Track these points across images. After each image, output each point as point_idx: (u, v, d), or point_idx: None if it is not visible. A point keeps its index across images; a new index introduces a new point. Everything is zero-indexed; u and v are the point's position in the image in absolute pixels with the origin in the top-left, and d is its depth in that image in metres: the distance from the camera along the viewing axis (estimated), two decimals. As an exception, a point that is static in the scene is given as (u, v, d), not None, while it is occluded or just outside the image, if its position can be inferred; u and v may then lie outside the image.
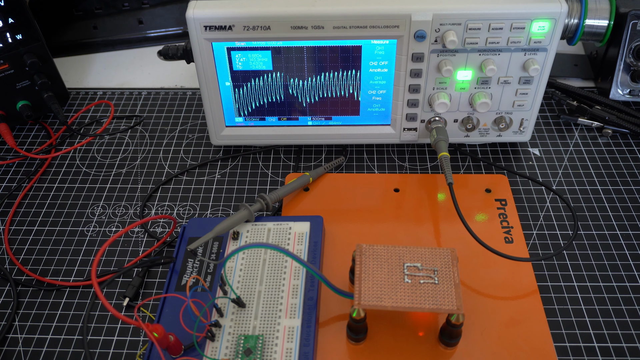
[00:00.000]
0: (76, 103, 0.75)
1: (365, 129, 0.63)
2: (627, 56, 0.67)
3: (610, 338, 0.48)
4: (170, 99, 0.75)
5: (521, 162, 0.64)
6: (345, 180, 0.62)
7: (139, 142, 0.68)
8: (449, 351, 0.46)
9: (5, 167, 0.66)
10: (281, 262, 0.51)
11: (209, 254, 0.53)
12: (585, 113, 0.68)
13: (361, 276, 0.45)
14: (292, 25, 0.54)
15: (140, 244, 0.57)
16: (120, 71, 0.81)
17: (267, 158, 0.65)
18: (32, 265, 0.55)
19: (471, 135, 0.63)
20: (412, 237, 0.55)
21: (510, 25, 0.54)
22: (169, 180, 0.63)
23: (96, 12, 0.84)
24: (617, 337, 0.48)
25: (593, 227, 0.57)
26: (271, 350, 0.44)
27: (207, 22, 0.55)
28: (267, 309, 0.47)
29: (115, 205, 0.61)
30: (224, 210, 0.60)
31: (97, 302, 0.52)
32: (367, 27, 0.54)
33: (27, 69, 0.67)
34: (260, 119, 0.63)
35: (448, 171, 0.55)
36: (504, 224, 0.56)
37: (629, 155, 0.65)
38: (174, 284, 0.50)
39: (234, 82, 0.60)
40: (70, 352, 0.48)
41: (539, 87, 0.59)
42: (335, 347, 0.47)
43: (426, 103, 0.60)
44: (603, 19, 0.66)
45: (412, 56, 0.56)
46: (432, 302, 0.43)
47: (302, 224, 0.54)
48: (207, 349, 0.45)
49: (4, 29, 0.64)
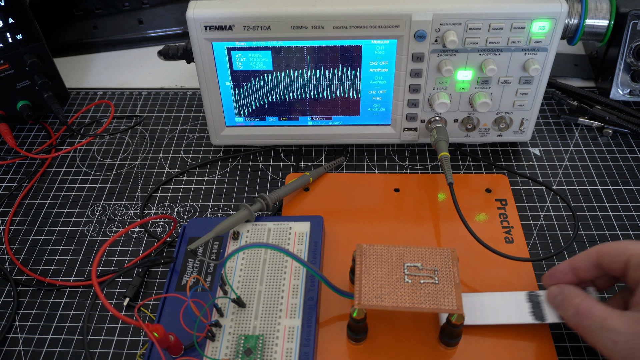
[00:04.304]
0: (76, 103, 0.75)
1: (366, 129, 0.63)
2: (628, 56, 0.67)
3: (610, 338, 0.48)
4: (170, 99, 0.75)
5: (521, 162, 0.64)
6: (346, 180, 0.62)
7: (139, 142, 0.68)
8: (449, 351, 0.46)
9: (5, 167, 0.66)
10: (281, 262, 0.51)
11: (209, 254, 0.53)
12: (586, 113, 0.68)
13: (361, 276, 0.45)
14: (292, 25, 0.54)
15: (141, 244, 0.57)
16: (120, 71, 0.80)
17: (267, 158, 0.65)
18: (32, 265, 0.55)
19: (471, 135, 0.63)
20: (412, 237, 0.55)
21: (510, 25, 0.54)
22: (169, 180, 0.63)
23: (96, 12, 0.84)
24: (617, 337, 0.48)
25: (593, 227, 0.57)
26: (271, 350, 0.44)
27: (207, 22, 0.55)
28: (267, 309, 0.47)
29: (115, 205, 0.61)
30: (224, 210, 0.60)
31: (97, 302, 0.52)
32: (367, 27, 0.54)
33: (27, 69, 0.67)
34: (261, 119, 0.63)
35: (448, 171, 0.55)
36: (504, 224, 0.56)
37: (629, 155, 0.65)
38: (174, 284, 0.50)
39: (234, 82, 0.60)
40: (71, 352, 0.48)
41: (539, 87, 0.58)
42: (336, 347, 0.47)
43: (426, 103, 0.60)
44: (603, 18, 0.66)
45: (413, 56, 0.56)
46: (432, 302, 0.43)
47: (302, 224, 0.54)
48: (207, 349, 0.45)
49: (4, 29, 0.64)
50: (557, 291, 0.46)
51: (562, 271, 0.47)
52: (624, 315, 0.40)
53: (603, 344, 0.40)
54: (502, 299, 0.48)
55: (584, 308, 0.42)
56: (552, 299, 0.46)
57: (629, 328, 0.39)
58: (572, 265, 0.46)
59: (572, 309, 0.43)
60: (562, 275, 0.47)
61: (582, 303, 0.43)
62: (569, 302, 0.44)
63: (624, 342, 0.39)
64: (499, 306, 0.48)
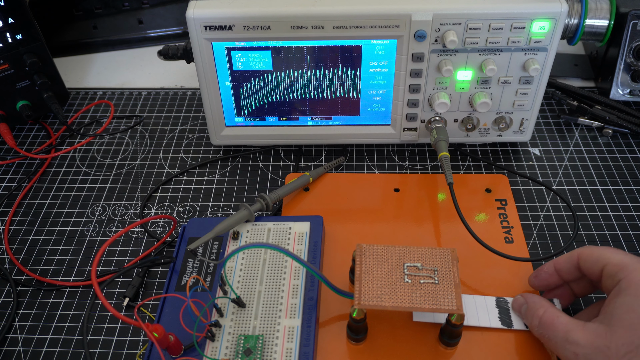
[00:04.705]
0: (76, 103, 0.75)
1: (365, 129, 0.63)
2: (628, 56, 0.67)
3: (610, 338, 0.48)
4: (170, 99, 0.75)
5: (521, 162, 0.64)
6: (345, 180, 0.62)
7: (139, 142, 0.68)
8: (449, 351, 0.46)
9: (5, 167, 0.66)
10: (281, 262, 0.51)
11: (209, 254, 0.53)
12: (586, 113, 0.68)
13: (361, 276, 0.45)
14: (292, 25, 0.54)
15: (140, 244, 0.57)
16: (120, 71, 0.80)
17: (267, 158, 0.65)
18: (32, 265, 0.55)
19: (471, 135, 0.63)
20: (412, 237, 0.55)
21: (510, 25, 0.54)
22: (169, 180, 0.63)
23: (96, 12, 0.84)
24: (617, 337, 0.48)
25: (593, 227, 0.57)
26: (271, 350, 0.44)
27: (207, 22, 0.55)
28: (267, 309, 0.47)
29: (115, 205, 0.61)
30: (224, 210, 0.60)
31: (97, 302, 0.52)
32: (367, 27, 0.54)
33: (27, 69, 0.67)
34: (260, 119, 0.63)
35: (448, 171, 0.55)
36: (504, 224, 0.56)
37: (629, 155, 0.65)
38: (174, 284, 0.50)
39: (234, 82, 0.60)
40: (70, 352, 0.48)
41: (539, 87, 0.58)
42: (335, 347, 0.47)
43: (426, 103, 0.60)
44: (603, 18, 0.66)
45: (412, 56, 0.56)
46: (432, 302, 0.43)
47: (302, 224, 0.54)
48: (207, 349, 0.45)
49: (4, 29, 0.64)
50: (522, 300, 0.47)
51: (547, 272, 0.48)
52: (586, 328, 0.40)
53: (565, 356, 0.41)
54: (473, 301, 0.48)
55: (547, 319, 0.43)
56: (517, 307, 0.47)
57: (589, 342, 0.39)
58: (556, 267, 0.47)
59: (536, 319, 0.44)
60: (547, 276, 0.48)
61: (546, 314, 0.43)
62: (534, 313, 0.44)
63: (584, 355, 0.39)
64: (470, 308, 0.48)
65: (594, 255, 0.44)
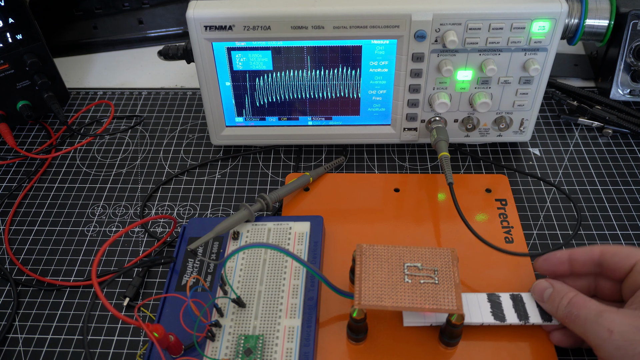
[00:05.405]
0: (76, 103, 0.75)
1: (366, 129, 0.63)
2: (628, 56, 0.67)
3: (610, 338, 0.48)
4: (170, 99, 0.75)
5: (521, 162, 0.64)
6: (345, 180, 0.62)
7: (139, 142, 0.68)
8: (449, 351, 0.46)
9: (5, 167, 0.66)
10: (281, 262, 0.51)
11: (209, 254, 0.53)
12: (586, 113, 0.68)
13: (361, 276, 0.45)
14: (292, 25, 0.54)
15: (141, 244, 0.57)
16: (120, 71, 0.81)
17: (267, 158, 0.65)
18: (32, 265, 0.55)
19: (471, 135, 0.63)
20: (412, 237, 0.55)
21: (510, 25, 0.54)
22: (169, 180, 0.63)
23: (96, 12, 0.84)
24: (617, 337, 0.48)
25: (593, 227, 0.57)
26: (271, 350, 0.44)
27: (207, 22, 0.55)
28: (267, 309, 0.47)
29: (115, 205, 0.61)
30: (224, 210, 0.60)
31: (97, 302, 0.52)
32: (367, 27, 0.54)
33: (27, 69, 0.67)
34: (261, 119, 0.63)
35: (448, 171, 0.55)
36: (504, 224, 0.56)
37: (629, 155, 0.65)
38: (174, 284, 0.50)
39: (234, 82, 0.60)
40: (71, 352, 0.48)
41: (539, 87, 0.59)
42: (336, 347, 0.47)
43: (426, 103, 0.60)
44: (603, 18, 0.66)
45: (412, 56, 0.56)
46: (432, 302, 0.43)
47: (302, 224, 0.54)
48: (207, 349, 0.45)
49: (4, 29, 0.64)
50: (546, 284, 0.46)
51: (559, 258, 0.47)
52: (621, 310, 0.41)
53: (596, 332, 0.40)
54: (465, 299, 0.48)
55: (579, 299, 0.43)
56: (540, 291, 0.46)
57: (627, 321, 0.39)
58: (571, 256, 0.47)
59: (566, 299, 0.43)
60: (558, 262, 0.47)
61: (577, 296, 0.43)
62: (563, 294, 0.44)
63: (621, 332, 0.39)
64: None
65: (623, 252, 0.44)
